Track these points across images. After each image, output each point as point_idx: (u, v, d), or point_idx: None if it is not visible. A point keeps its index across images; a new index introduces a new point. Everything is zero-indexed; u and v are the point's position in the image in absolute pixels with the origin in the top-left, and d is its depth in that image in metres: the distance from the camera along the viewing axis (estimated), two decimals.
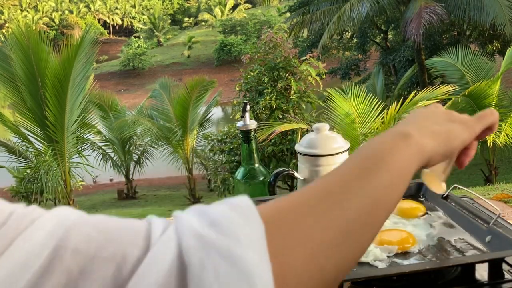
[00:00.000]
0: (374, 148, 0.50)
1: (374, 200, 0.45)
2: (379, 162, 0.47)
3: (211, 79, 12.34)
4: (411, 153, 0.50)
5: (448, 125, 0.57)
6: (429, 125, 0.55)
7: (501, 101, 8.00)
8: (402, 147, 0.50)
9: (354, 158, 0.49)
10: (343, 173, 0.46)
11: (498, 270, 0.79)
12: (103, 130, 12.28)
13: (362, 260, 0.83)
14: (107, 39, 47.95)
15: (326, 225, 0.40)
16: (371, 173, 0.46)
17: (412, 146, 0.50)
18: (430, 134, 0.54)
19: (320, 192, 0.43)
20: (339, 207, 0.42)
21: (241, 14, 39.93)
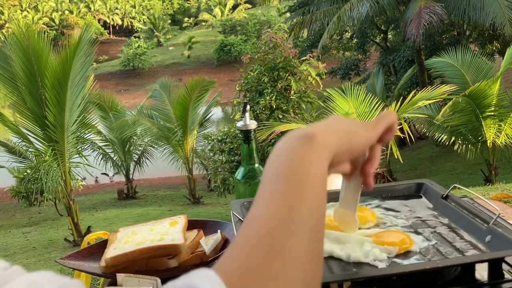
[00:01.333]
0: (287, 163, 0.50)
1: (315, 227, 0.46)
2: (299, 182, 0.48)
3: (211, 79, 12.34)
4: (319, 154, 0.52)
5: (349, 126, 0.60)
6: (333, 124, 0.58)
7: (501, 101, 8.00)
8: (311, 152, 0.51)
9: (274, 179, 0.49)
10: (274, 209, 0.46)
11: (498, 270, 0.79)
12: (103, 130, 12.28)
13: (362, 260, 0.83)
14: (107, 39, 47.97)
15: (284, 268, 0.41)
16: (301, 191, 0.47)
17: (318, 146, 0.52)
18: (334, 133, 0.56)
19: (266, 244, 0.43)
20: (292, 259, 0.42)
21: (241, 14, 39.93)
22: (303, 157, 0.50)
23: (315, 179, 0.49)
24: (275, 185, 0.48)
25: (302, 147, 0.51)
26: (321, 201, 0.49)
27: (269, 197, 0.47)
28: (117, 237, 1.10)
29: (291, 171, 0.49)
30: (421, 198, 1.08)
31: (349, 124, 0.60)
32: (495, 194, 1.95)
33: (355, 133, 0.59)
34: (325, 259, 0.86)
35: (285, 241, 0.43)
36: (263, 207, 0.46)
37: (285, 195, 0.47)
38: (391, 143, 5.32)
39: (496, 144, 8.04)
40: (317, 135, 0.52)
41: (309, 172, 0.49)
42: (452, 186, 1.02)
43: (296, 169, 0.49)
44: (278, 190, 0.47)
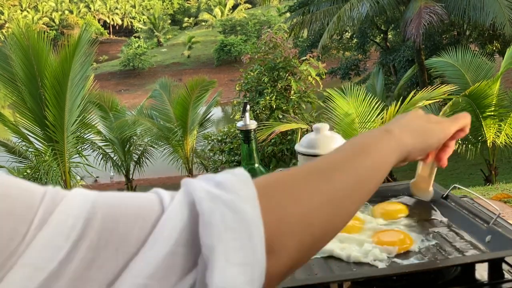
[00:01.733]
0: (362, 139, 0.58)
1: (358, 178, 0.52)
2: (365, 149, 0.55)
3: (211, 79, 12.34)
4: (391, 145, 0.58)
5: (426, 125, 0.65)
6: (409, 125, 0.63)
7: (501, 101, 7.99)
8: (385, 140, 0.58)
9: (346, 145, 0.57)
10: (334, 155, 0.54)
11: (498, 270, 0.79)
12: (103, 130, 12.27)
13: (362, 260, 0.83)
14: (107, 39, 47.97)
15: (314, 191, 0.47)
16: (357, 157, 0.54)
17: (393, 140, 0.58)
18: (410, 132, 0.62)
19: (311, 167, 0.51)
20: (326, 179, 0.49)
21: (241, 14, 39.93)
22: (375, 140, 0.57)
23: (378, 156, 0.55)
24: (342, 148, 0.56)
25: (378, 136, 0.58)
26: (372, 176, 0.54)
27: (332, 153, 0.55)
28: None
29: (361, 143, 0.57)
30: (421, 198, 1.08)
31: (426, 122, 0.66)
32: (495, 194, 1.95)
33: (430, 132, 0.65)
34: (325, 259, 0.86)
35: (328, 171, 0.50)
36: (325, 156, 0.54)
37: (349, 153, 0.54)
38: None
39: (496, 144, 8.04)
40: (395, 132, 0.59)
41: (376, 150, 0.56)
42: (452, 186, 1.02)
43: (366, 143, 0.56)
44: (342, 151, 0.55)
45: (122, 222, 0.38)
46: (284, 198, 0.46)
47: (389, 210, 1.02)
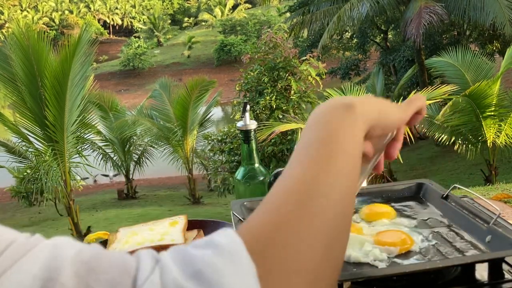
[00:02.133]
0: (325, 130, 0.50)
1: (345, 192, 0.46)
2: (334, 146, 0.48)
3: (211, 79, 12.34)
4: (357, 123, 0.52)
5: (385, 104, 0.60)
6: (369, 100, 0.58)
7: (501, 101, 7.99)
8: (349, 120, 0.51)
9: (311, 144, 0.49)
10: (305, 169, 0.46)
11: (498, 270, 0.79)
12: (103, 130, 12.27)
13: (362, 260, 0.83)
14: (107, 39, 47.97)
15: (312, 242, 0.40)
16: (331, 162, 0.46)
17: (357, 115, 0.52)
18: (371, 106, 0.56)
19: (295, 200, 0.43)
20: (319, 217, 0.42)
21: (241, 14, 39.92)
22: (341, 124, 0.50)
23: (350, 146, 0.49)
24: (309, 148, 0.49)
25: (341, 114, 0.51)
26: (354, 168, 0.49)
27: (302, 158, 0.48)
28: (117, 237, 1.10)
29: (328, 136, 0.49)
30: (421, 198, 1.08)
31: (383, 102, 0.61)
32: (495, 194, 1.94)
33: (389, 110, 0.60)
34: None
35: (314, 200, 0.43)
36: (295, 168, 0.47)
37: (319, 158, 0.47)
38: None
39: (496, 144, 8.04)
40: (356, 105, 0.53)
41: (345, 139, 0.49)
42: (452, 186, 1.02)
43: (332, 134, 0.49)
44: (312, 153, 0.48)
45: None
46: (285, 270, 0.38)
47: (375, 212, 1.00)
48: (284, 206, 0.42)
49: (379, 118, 0.56)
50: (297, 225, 0.40)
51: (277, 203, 0.43)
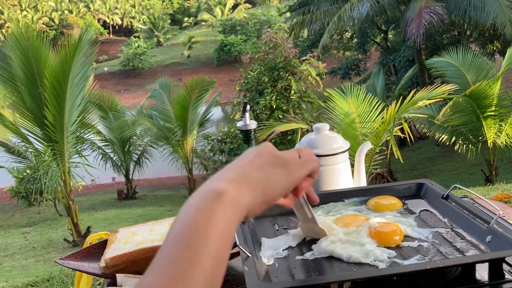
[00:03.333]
0: (190, 225, 0.48)
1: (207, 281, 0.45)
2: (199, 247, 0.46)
3: (211, 79, 12.34)
4: (228, 213, 0.50)
5: (269, 170, 0.57)
6: (248, 172, 0.55)
7: (502, 101, 7.99)
8: (218, 210, 0.49)
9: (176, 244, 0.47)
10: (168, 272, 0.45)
11: (499, 270, 0.79)
12: (103, 130, 12.28)
13: (362, 260, 0.83)
14: (107, 39, 47.95)
15: None
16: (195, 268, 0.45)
17: (228, 205, 0.50)
18: (248, 184, 0.53)
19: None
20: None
21: (241, 14, 39.92)
22: (206, 218, 0.48)
23: (215, 245, 0.47)
24: (174, 249, 0.47)
25: (209, 207, 0.49)
26: (219, 267, 0.48)
27: (165, 263, 0.46)
28: (116, 237, 1.10)
29: (192, 235, 0.47)
30: (421, 198, 1.08)
31: (268, 168, 0.57)
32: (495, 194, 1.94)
33: (273, 180, 0.56)
34: (325, 259, 0.85)
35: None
36: (157, 275, 0.45)
37: (180, 266, 0.45)
38: (392, 143, 5.31)
39: (496, 144, 8.04)
40: (228, 192, 0.50)
41: (212, 235, 0.47)
42: (452, 186, 1.02)
43: (197, 233, 0.47)
44: (175, 257, 0.46)
45: None
46: None
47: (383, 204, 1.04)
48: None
49: (256, 198, 0.53)
50: None
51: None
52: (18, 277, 5.90)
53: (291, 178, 0.59)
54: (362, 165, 1.30)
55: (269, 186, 0.55)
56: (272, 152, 0.59)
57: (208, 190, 0.51)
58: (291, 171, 0.59)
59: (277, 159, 0.59)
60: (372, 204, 1.05)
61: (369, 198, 1.08)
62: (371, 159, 5.29)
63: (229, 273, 1.07)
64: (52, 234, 9.67)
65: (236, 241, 0.89)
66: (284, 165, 0.58)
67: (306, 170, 0.61)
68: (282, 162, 0.59)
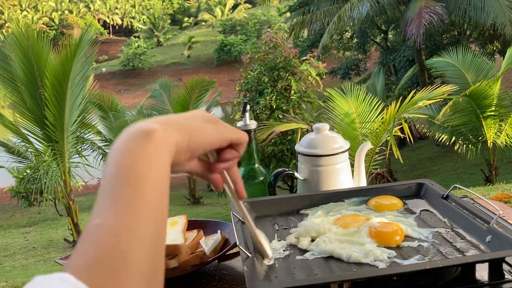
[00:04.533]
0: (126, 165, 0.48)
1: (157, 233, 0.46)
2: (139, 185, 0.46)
3: (211, 79, 12.34)
4: (159, 152, 0.49)
5: (198, 122, 0.57)
6: (178, 119, 0.55)
7: (502, 101, 7.99)
8: (149, 149, 0.49)
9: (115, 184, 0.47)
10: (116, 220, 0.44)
11: (499, 270, 0.79)
12: (103, 130, 12.27)
13: (362, 260, 0.83)
14: (107, 39, 47.95)
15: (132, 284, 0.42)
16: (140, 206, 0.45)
17: (157, 143, 0.50)
18: (176, 126, 0.53)
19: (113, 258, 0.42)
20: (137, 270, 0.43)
21: (241, 14, 39.92)
22: (141, 157, 0.48)
23: (155, 180, 0.48)
24: (114, 190, 0.46)
25: (141, 146, 0.49)
26: (161, 204, 0.48)
27: (110, 203, 0.46)
28: None
29: (130, 173, 0.47)
30: (421, 198, 1.08)
31: (197, 120, 0.57)
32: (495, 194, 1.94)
33: (200, 129, 0.56)
34: (325, 259, 0.85)
35: (130, 252, 0.43)
36: (105, 215, 0.45)
37: (125, 201, 0.45)
38: (392, 143, 5.31)
39: (496, 144, 8.04)
40: (156, 131, 0.50)
41: (149, 173, 0.47)
42: (452, 186, 1.02)
43: (135, 171, 0.47)
44: (118, 195, 0.46)
45: None
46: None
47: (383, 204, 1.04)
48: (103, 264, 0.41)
49: (183, 141, 0.53)
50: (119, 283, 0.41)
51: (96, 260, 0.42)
52: (18, 277, 5.90)
53: (217, 134, 0.58)
54: (362, 165, 1.30)
55: (195, 132, 0.55)
56: (206, 113, 0.60)
57: (136, 130, 0.50)
58: (219, 127, 0.59)
59: (209, 118, 0.59)
60: (373, 204, 1.05)
61: (369, 198, 1.08)
62: (371, 159, 5.29)
63: (229, 273, 1.08)
64: (52, 234, 9.67)
65: (236, 241, 0.89)
66: (214, 122, 0.59)
67: (234, 135, 0.60)
68: (213, 120, 0.59)
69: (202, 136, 0.56)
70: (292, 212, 1.07)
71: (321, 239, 0.90)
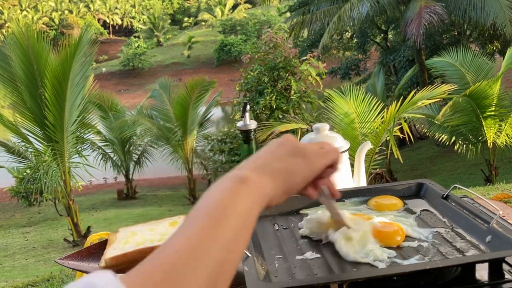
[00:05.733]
0: (215, 200, 0.51)
1: (219, 262, 0.46)
2: (221, 218, 0.48)
3: (211, 79, 12.34)
4: (251, 197, 0.52)
5: (290, 160, 0.58)
6: (270, 162, 0.57)
7: (501, 101, 7.99)
8: (242, 192, 0.51)
9: (199, 215, 0.50)
10: (190, 235, 0.47)
11: (498, 270, 0.79)
12: (103, 130, 12.27)
13: (362, 260, 0.83)
14: (107, 39, 47.95)
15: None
16: (213, 233, 0.47)
17: (251, 189, 0.52)
18: (270, 173, 0.55)
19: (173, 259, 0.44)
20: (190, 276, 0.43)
21: (241, 14, 39.91)
22: (231, 197, 0.51)
23: (237, 220, 0.49)
24: (196, 219, 0.49)
25: (233, 188, 0.52)
26: (238, 243, 0.49)
27: (186, 228, 0.48)
28: (117, 237, 1.10)
29: (216, 208, 0.49)
30: (421, 198, 1.08)
31: (289, 156, 0.59)
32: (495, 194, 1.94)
33: (293, 170, 0.58)
34: (325, 259, 0.85)
35: (184, 271, 0.44)
36: (177, 236, 0.47)
37: (201, 229, 0.47)
38: (391, 143, 5.31)
39: (496, 144, 8.04)
40: (250, 179, 0.53)
41: (234, 212, 0.49)
42: (452, 186, 1.02)
43: (221, 207, 0.49)
44: (196, 223, 0.48)
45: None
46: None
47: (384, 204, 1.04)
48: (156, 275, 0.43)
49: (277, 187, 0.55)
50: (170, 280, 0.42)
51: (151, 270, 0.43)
52: (18, 277, 5.90)
53: (310, 168, 0.60)
54: (362, 165, 1.30)
55: (289, 176, 0.57)
56: (293, 143, 0.61)
57: (233, 176, 0.54)
58: (311, 161, 0.60)
59: (298, 150, 0.60)
60: (373, 204, 1.05)
61: (369, 198, 1.08)
62: (371, 159, 5.28)
63: None
64: (52, 234, 9.67)
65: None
66: (304, 155, 0.60)
67: (326, 160, 0.62)
68: (302, 152, 0.60)
69: (296, 178, 0.58)
70: (292, 212, 1.07)
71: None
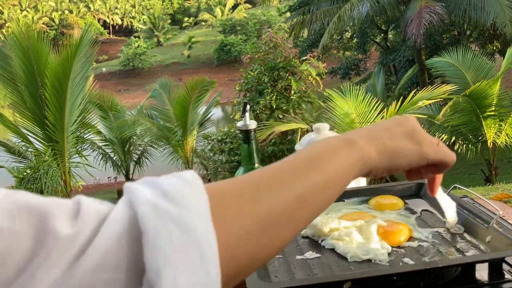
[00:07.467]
0: (317, 150, 0.51)
1: (301, 197, 0.46)
2: (317, 163, 0.49)
3: (211, 79, 12.33)
4: (352, 158, 0.51)
5: (403, 142, 0.56)
6: (382, 136, 0.55)
7: (501, 101, 7.99)
8: (344, 152, 0.51)
9: (298, 155, 0.50)
10: (282, 168, 0.48)
11: (498, 270, 0.79)
12: (103, 130, 12.26)
13: (362, 258, 0.83)
14: (107, 39, 47.95)
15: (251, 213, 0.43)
16: (305, 172, 0.47)
17: (354, 152, 0.51)
18: (379, 146, 0.54)
19: (256, 181, 0.46)
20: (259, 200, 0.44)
21: (241, 14, 39.92)
22: (333, 151, 0.51)
23: (332, 173, 0.49)
24: (294, 158, 0.50)
25: (340, 146, 0.51)
26: (322, 193, 0.48)
27: (282, 163, 0.49)
28: None
29: (314, 155, 0.50)
30: (421, 198, 1.08)
31: (402, 139, 0.56)
32: (495, 194, 1.94)
33: (402, 153, 0.56)
34: (325, 259, 0.86)
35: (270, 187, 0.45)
36: (271, 166, 0.48)
37: (296, 167, 0.48)
38: None
39: (496, 144, 8.04)
40: (358, 143, 0.52)
41: (331, 164, 0.49)
42: (452, 186, 1.02)
43: (321, 156, 0.50)
44: (293, 162, 0.49)
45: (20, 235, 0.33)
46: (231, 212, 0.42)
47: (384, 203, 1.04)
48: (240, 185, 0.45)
49: (382, 162, 0.54)
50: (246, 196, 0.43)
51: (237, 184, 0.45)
52: None
53: (419, 156, 0.57)
54: None
55: (396, 156, 0.55)
56: (413, 125, 0.59)
57: (342, 137, 0.53)
58: (423, 150, 0.58)
59: (415, 134, 0.58)
60: (374, 203, 1.05)
61: (370, 197, 1.08)
62: None
63: None
64: None
65: None
66: (419, 143, 0.58)
67: (438, 157, 0.59)
68: (418, 139, 0.58)
69: (402, 161, 0.56)
70: None
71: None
